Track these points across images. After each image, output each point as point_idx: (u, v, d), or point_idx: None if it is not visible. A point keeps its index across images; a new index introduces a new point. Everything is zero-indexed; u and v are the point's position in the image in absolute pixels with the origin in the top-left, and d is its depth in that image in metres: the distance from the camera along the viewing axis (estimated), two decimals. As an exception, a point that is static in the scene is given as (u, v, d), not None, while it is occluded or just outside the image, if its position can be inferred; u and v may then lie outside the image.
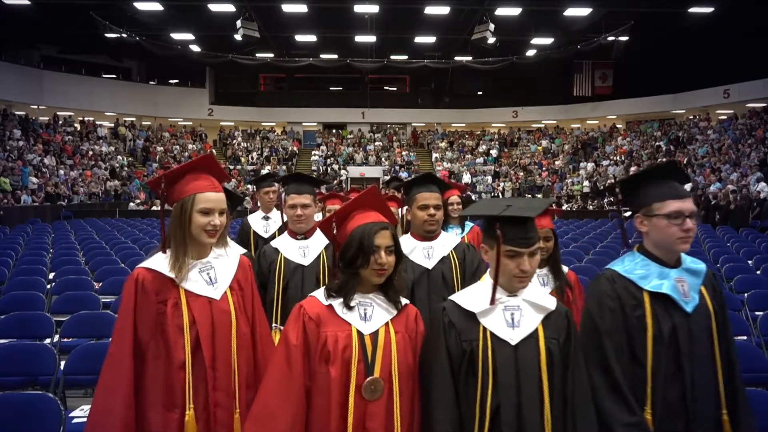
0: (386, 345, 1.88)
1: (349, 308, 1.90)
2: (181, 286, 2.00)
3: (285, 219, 3.45)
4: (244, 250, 3.41)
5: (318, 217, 3.96)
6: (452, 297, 1.95)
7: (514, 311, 1.86)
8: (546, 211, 2.91)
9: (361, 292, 1.94)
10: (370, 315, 1.91)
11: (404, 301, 2.00)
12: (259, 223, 4.70)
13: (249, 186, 24.51)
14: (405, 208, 4.21)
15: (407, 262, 2.73)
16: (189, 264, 2.02)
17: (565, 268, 2.96)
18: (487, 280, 1.93)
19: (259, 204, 4.84)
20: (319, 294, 1.97)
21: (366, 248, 1.88)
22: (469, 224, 4.38)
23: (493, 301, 1.86)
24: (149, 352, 1.95)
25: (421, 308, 2.15)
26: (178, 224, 2.02)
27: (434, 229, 2.89)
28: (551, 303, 1.91)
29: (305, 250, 3.15)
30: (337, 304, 1.91)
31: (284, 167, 27.25)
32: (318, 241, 3.18)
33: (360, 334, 1.88)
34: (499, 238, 1.81)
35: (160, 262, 2.03)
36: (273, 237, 4.46)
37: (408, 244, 2.85)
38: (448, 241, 2.94)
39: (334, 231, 2.01)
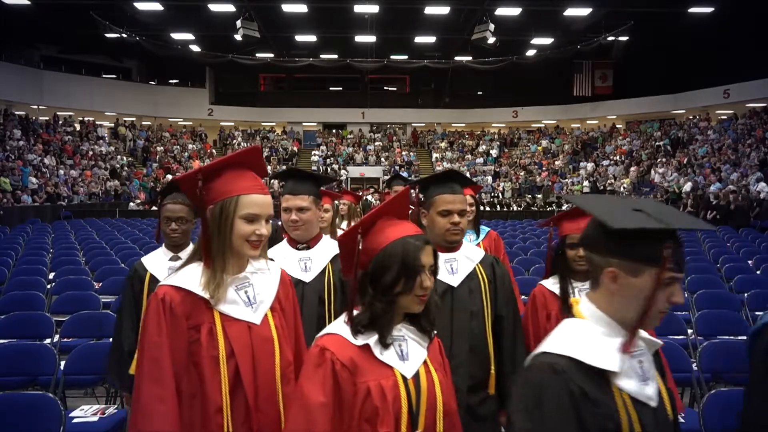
0: (430, 389, 1.53)
1: (386, 346, 1.52)
2: (216, 308, 1.65)
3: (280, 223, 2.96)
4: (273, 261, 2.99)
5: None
6: (557, 348, 1.26)
7: (642, 360, 1.31)
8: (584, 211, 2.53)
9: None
10: (406, 353, 1.54)
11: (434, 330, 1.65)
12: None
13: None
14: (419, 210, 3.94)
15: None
16: (226, 281, 1.67)
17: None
18: (591, 315, 1.30)
19: None
20: (341, 329, 1.53)
21: (411, 269, 1.51)
22: (484, 229, 3.78)
23: (627, 348, 1.26)
24: (182, 391, 1.60)
25: (442, 335, 1.87)
26: (216, 232, 1.64)
27: (458, 240, 2.39)
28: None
29: (307, 263, 2.61)
30: (372, 342, 1.51)
31: (284, 167, 27.24)
32: (323, 253, 2.63)
33: (404, 379, 1.51)
34: (665, 261, 1.21)
35: (188, 278, 1.66)
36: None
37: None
38: (472, 252, 2.46)
39: (359, 246, 1.58)
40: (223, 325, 1.64)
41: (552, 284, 2.55)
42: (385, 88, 32.33)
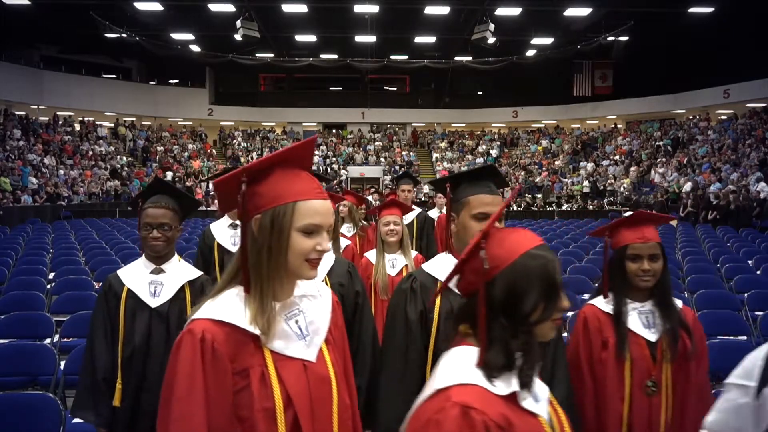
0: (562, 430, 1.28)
1: (528, 388, 1.21)
2: (267, 346, 1.30)
3: None
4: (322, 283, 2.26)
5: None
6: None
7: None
8: (649, 218, 2.16)
9: None
10: (536, 392, 1.23)
11: None
12: (224, 232, 3.83)
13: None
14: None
15: (449, 296, 1.84)
16: (276, 311, 1.34)
17: (678, 303, 2.13)
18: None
19: None
20: (471, 376, 1.17)
21: (553, 290, 1.21)
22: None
23: None
24: None
25: None
26: (266, 249, 1.30)
27: None
28: None
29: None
30: (516, 388, 1.19)
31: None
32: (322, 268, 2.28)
33: (551, 426, 1.24)
34: None
35: (230, 309, 1.30)
36: None
37: (448, 268, 2.10)
38: None
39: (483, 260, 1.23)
40: (277, 367, 1.30)
41: (604, 304, 2.16)
42: (385, 88, 32.34)
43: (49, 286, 6.44)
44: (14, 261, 8.49)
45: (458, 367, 1.20)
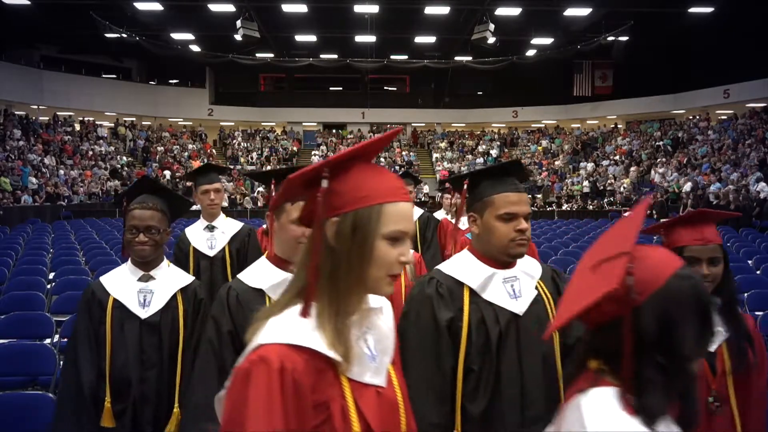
0: None
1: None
2: (344, 373, 1.11)
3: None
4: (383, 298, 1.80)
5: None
6: None
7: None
8: (710, 216, 1.97)
9: None
10: None
11: None
12: (200, 236, 3.60)
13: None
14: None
15: (479, 303, 1.77)
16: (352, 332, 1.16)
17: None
18: None
19: (200, 208, 3.64)
20: (624, 424, 0.99)
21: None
22: None
23: None
24: None
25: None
26: (345, 259, 1.10)
27: (524, 252, 1.84)
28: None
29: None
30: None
31: (284, 167, 27.25)
32: None
33: None
34: None
35: (304, 331, 1.09)
36: (222, 255, 3.56)
37: (477, 272, 1.82)
38: (530, 265, 1.91)
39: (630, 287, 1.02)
40: (355, 397, 1.11)
41: None
42: (385, 88, 32.33)
43: (49, 286, 6.43)
44: (14, 261, 8.49)
45: (609, 415, 1.01)
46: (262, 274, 1.84)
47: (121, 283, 2.28)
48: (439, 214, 5.84)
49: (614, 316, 1.04)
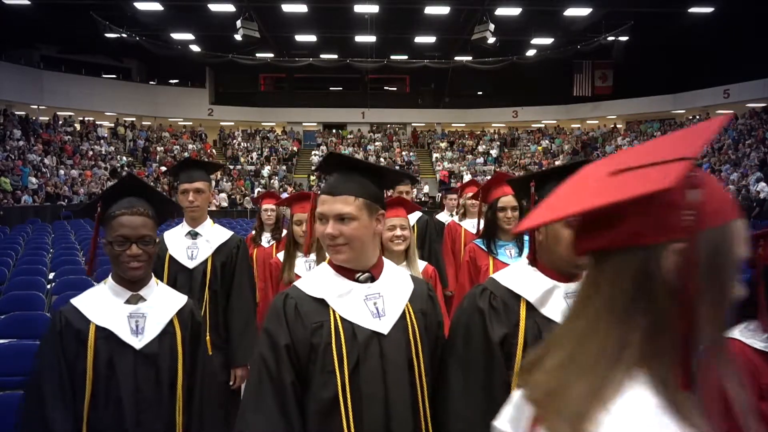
0: None
1: None
2: None
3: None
4: None
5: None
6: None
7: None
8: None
9: None
10: None
11: None
12: (180, 243, 3.09)
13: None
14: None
15: (536, 319, 1.57)
16: None
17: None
18: None
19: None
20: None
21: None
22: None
23: None
24: None
25: None
26: (711, 291, 0.74)
27: None
28: None
29: (377, 304, 1.60)
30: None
31: (284, 167, 27.28)
32: (396, 290, 1.66)
33: None
34: None
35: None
36: (204, 268, 3.07)
37: (536, 285, 1.61)
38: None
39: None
40: None
41: (757, 340, 1.68)
42: (385, 88, 32.33)
43: (49, 286, 6.43)
44: (14, 261, 8.49)
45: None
46: (324, 282, 1.62)
47: (104, 306, 1.85)
48: (443, 216, 5.49)
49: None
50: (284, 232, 4.67)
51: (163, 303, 1.95)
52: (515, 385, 1.38)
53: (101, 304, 1.86)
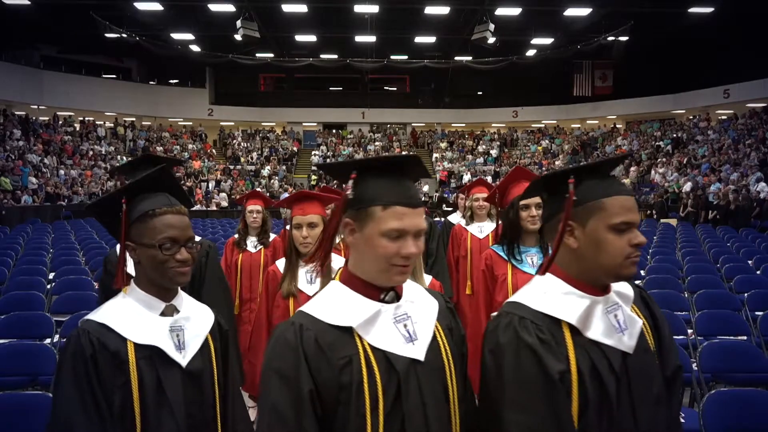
0: None
1: None
2: None
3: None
4: None
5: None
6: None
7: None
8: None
9: None
10: None
11: None
12: None
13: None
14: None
15: (584, 345, 1.35)
16: None
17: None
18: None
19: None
20: None
21: None
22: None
23: None
24: None
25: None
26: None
27: (634, 272, 1.40)
28: None
29: (407, 326, 1.36)
30: None
31: (284, 167, 27.28)
32: (419, 303, 1.42)
33: None
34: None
35: None
36: None
37: (573, 303, 1.38)
38: (620, 286, 1.46)
39: None
40: None
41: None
42: (385, 88, 32.35)
43: (49, 286, 6.44)
44: (14, 261, 8.49)
45: None
46: (345, 305, 1.33)
47: (139, 320, 1.57)
48: (454, 218, 5.22)
49: None
50: (272, 236, 4.49)
51: (197, 314, 1.70)
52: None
53: (135, 318, 1.57)
